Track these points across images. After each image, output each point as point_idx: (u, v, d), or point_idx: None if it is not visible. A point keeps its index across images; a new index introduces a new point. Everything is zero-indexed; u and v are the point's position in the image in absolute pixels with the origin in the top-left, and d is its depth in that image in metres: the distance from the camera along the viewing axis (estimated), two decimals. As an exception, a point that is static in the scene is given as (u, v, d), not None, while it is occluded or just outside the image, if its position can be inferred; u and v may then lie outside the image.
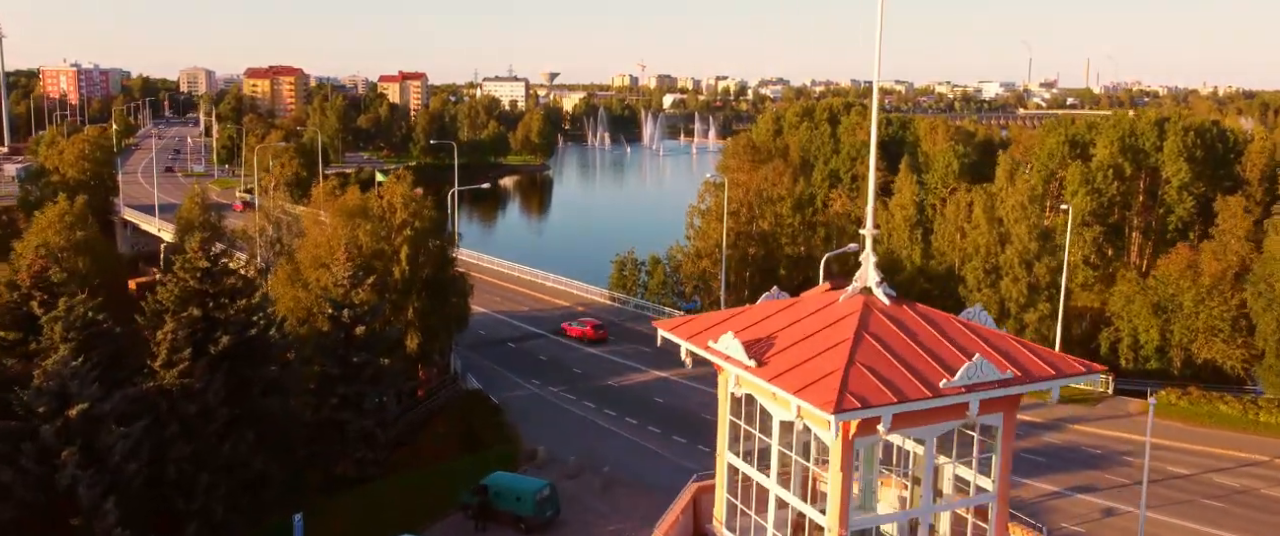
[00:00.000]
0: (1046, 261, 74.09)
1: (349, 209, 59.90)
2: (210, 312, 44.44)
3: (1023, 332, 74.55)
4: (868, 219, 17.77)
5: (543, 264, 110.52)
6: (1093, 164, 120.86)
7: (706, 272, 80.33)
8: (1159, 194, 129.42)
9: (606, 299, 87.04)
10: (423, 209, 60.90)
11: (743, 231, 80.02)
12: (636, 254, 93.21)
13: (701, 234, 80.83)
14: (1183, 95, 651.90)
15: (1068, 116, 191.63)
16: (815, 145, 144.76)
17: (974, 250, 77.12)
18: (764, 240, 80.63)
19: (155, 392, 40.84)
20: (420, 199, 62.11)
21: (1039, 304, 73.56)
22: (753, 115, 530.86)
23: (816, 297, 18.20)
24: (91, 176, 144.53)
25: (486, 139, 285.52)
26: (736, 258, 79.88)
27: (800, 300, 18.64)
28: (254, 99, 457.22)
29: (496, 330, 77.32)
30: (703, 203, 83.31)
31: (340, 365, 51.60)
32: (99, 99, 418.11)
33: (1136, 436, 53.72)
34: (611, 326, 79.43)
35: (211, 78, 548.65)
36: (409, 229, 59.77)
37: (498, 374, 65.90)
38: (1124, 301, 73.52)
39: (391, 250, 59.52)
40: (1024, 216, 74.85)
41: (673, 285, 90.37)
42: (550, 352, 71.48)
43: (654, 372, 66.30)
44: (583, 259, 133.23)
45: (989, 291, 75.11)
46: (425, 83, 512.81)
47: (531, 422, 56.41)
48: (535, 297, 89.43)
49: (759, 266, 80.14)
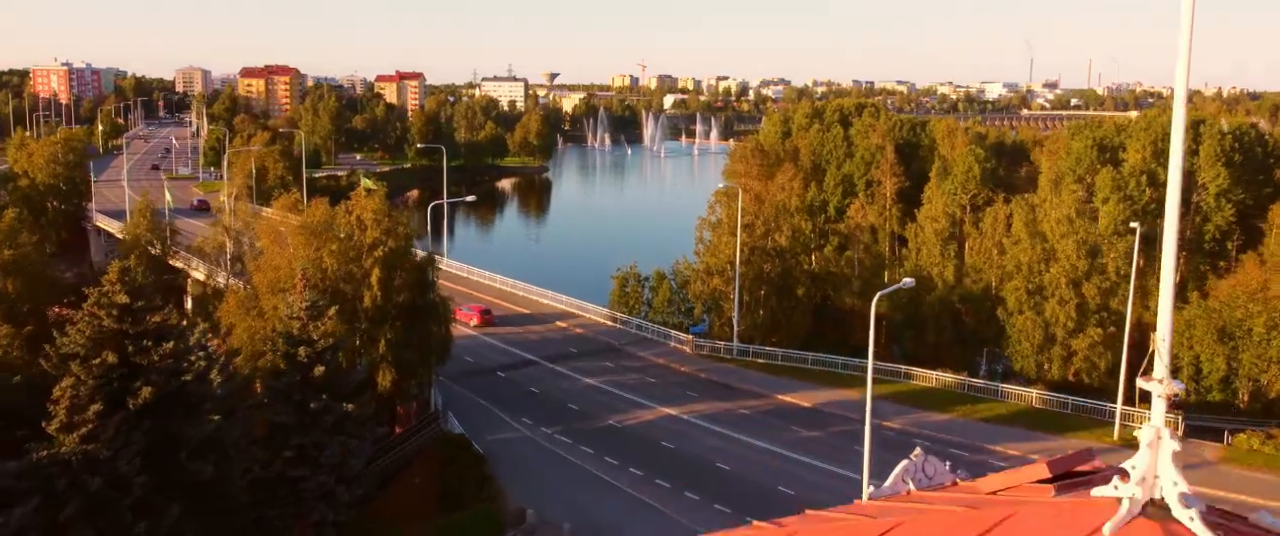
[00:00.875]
0: (1096, 281, 66.57)
1: (312, 226, 52.32)
2: (130, 358, 36.87)
3: (1071, 361, 67.07)
4: (1161, 325, 7.07)
5: (538, 277, 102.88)
6: (1124, 169, 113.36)
7: (718, 292, 72.74)
8: (1193, 201, 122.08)
9: (606, 319, 79.43)
10: (397, 226, 53.30)
11: (757, 246, 72.42)
12: (639, 268, 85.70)
13: (712, 249, 73.27)
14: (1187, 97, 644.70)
15: (1093, 118, 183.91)
16: (827, 149, 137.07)
17: (1014, 268, 69.60)
18: (781, 256, 73.03)
19: (51, 463, 33.24)
20: (395, 215, 54.49)
21: (1089, 328, 66.03)
22: (754, 116, 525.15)
23: (1024, 501, 7.78)
24: (64, 181, 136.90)
25: (483, 140, 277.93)
26: (750, 275, 72.31)
27: (989, 502, 8.32)
28: (248, 99, 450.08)
29: (485, 356, 69.74)
30: (713, 215, 75.67)
31: (296, 412, 44.04)
32: (90, 99, 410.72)
33: (1220, 491, 46.25)
34: (612, 351, 71.88)
35: (207, 77, 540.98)
36: (381, 249, 52.20)
37: (484, 411, 58.29)
38: (1184, 325, 65.86)
39: (361, 273, 51.94)
40: (1071, 231, 67.33)
41: (679, 303, 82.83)
42: (544, 384, 63.90)
43: (661, 409, 58.71)
44: (581, 271, 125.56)
45: (1031, 314, 67.60)
46: (423, 83, 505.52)
47: (520, 475, 48.84)
48: (526, 316, 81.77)
49: (775, 285, 72.51)
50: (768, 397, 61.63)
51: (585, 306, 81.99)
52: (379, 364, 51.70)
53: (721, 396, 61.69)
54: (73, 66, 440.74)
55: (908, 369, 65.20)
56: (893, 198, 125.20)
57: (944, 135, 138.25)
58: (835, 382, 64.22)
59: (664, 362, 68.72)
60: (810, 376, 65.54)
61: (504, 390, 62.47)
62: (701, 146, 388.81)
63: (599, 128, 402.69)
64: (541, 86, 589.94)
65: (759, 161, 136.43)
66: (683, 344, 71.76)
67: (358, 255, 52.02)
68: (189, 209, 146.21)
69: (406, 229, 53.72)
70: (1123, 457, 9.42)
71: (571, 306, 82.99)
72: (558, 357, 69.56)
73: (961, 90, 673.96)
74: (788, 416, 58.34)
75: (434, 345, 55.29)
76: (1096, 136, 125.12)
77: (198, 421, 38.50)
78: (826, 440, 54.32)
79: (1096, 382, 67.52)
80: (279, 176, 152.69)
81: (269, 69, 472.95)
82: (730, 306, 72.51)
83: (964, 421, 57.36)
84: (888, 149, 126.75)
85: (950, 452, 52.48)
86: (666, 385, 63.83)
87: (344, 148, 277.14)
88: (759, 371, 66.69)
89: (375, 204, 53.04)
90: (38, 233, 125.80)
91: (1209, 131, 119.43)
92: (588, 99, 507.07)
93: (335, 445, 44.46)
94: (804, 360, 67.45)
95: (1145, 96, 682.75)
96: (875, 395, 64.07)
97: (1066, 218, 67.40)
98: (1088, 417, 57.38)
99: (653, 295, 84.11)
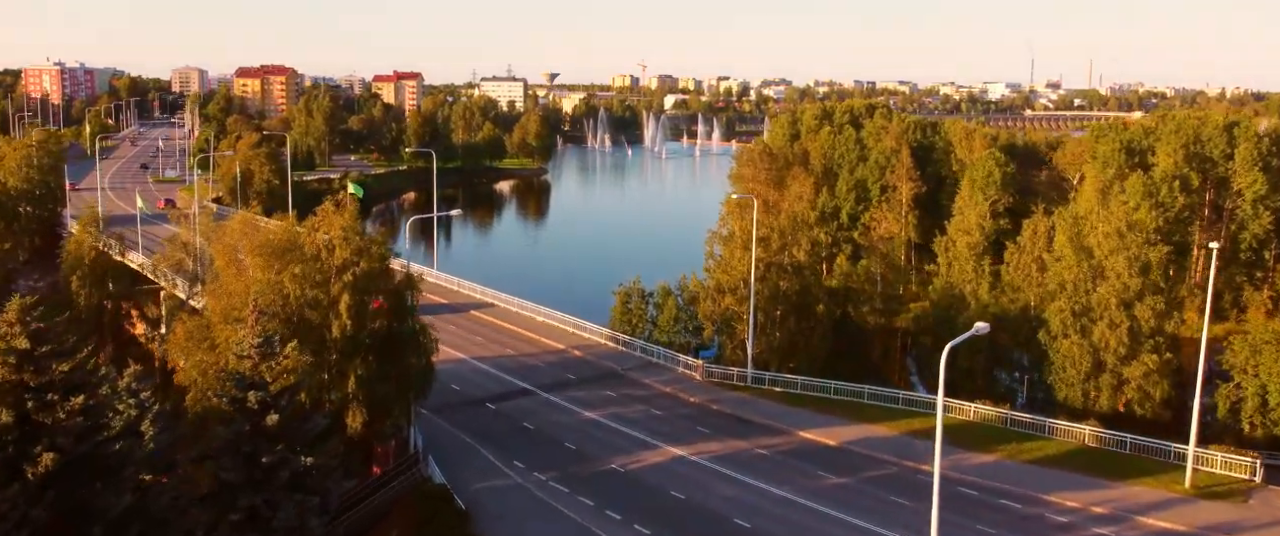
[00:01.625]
0: (1151, 302, 60.09)
1: (272, 246, 45.85)
2: (30, 416, 30.46)
3: (1121, 390, 60.62)
4: None
5: (535, 290, 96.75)
6: (1155, 173, 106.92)
7: (730, 312, 66.23)
8: (1225, 208, 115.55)
9: (606, 340, 72.92)
10: (371, 245, 46.82)
11: (773, 261, 65.95)
12: (643, 283, 79.23)
13: (724, 265, 66.70)
14: (1190, 97, 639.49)
15: (1110, 119, 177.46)
16: (839, 152, 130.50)
17: (1058, 287, 63.09)
18: (799, 272, 66.53)
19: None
20: (367, 234, 48.03)
21: (1143, 355, 59.55)
22: (756, 116, 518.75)
23: None
24: (38, 185, 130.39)
25: (481, 142, 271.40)
26: (766, 293, 65.81)
27: None
28: (244, 99, 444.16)
29: (474, 385, 63.26)
30: (724, 228, 69.12)
31: (245, 467, 37.61)
32: (82, 99, 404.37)
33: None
34: (614, 377, 65.41)
35: (205, 77, 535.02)
36: (352, 272, 45.71)
37: (470, 452, 51.82)
38: (1248, 352, 59.44)
39: (329, 300, 45.46)
40: (1122, 246, 60.83)
41: (686, 320, 76.32)
42: (539, 418, 57.41)
43: (668, 449, 52.24)
44: (581, 282, 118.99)
45: (1078, 338, 61.10)
46: (421, 83, 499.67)
47: (508, 534, 42.41)
48: (524, 337, 75.33)
49: (793, 304, 65.98)
50: (787, 434, 55.12)
51: (585, 325, 75.45)
52: (349, 403, 45.21)
53: (736, 432, 55.18)
54: (65, 66, 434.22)
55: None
56: (909, 204, 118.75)
57: (961, 138, 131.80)
58: (861, 416, 57.72)
59: (671, 391, 62.22)
60: (833, 408, 59.02)
61: (494, 425, 55.96)
62: (703, 147, 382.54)
63: (599, 128, 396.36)
64: (541, 87, 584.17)
65: (767, 165, 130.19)
66: (692, 369, 65.27)
67: (325, 279, 45.55)
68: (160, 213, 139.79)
69: (381, 248, 47.25)
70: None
71: (569, 325, 76.46)
72: (555, 385, 63.06)
73: (964, 90, 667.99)
74: (811, 457, 51.84)
75: (413, 379, 48.84)
76: (1124, 139, 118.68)
77: (118, 489, 32.06)
78: (858, 488, 47.85)
79: (1149, 413, 61.10)
80: (265, 180, 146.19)
81: (265, 69, 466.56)
82: (744, 327, 66.03)
83: (1011, 464, 50.85)
84: (903, 152, 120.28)
85: (1001, 504, 46.12)
86: (674, 419, 57.34)
87: (340, 149, 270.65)
88: (776, 401, 60.18)
89: (345, 220, 46.52)
90: (10, 240, 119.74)
91: (1245, 134, 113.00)
92: (588, 99, 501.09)
93: (291, 505, 38.00)
94: (826, 389, 60.94)
95: (1149, 97, 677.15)
96: (905, 431, 57.90)
97: (1116, 231, 60.87)
98: (1150, 459, 50.85)
99: (658, 313, 77.66)
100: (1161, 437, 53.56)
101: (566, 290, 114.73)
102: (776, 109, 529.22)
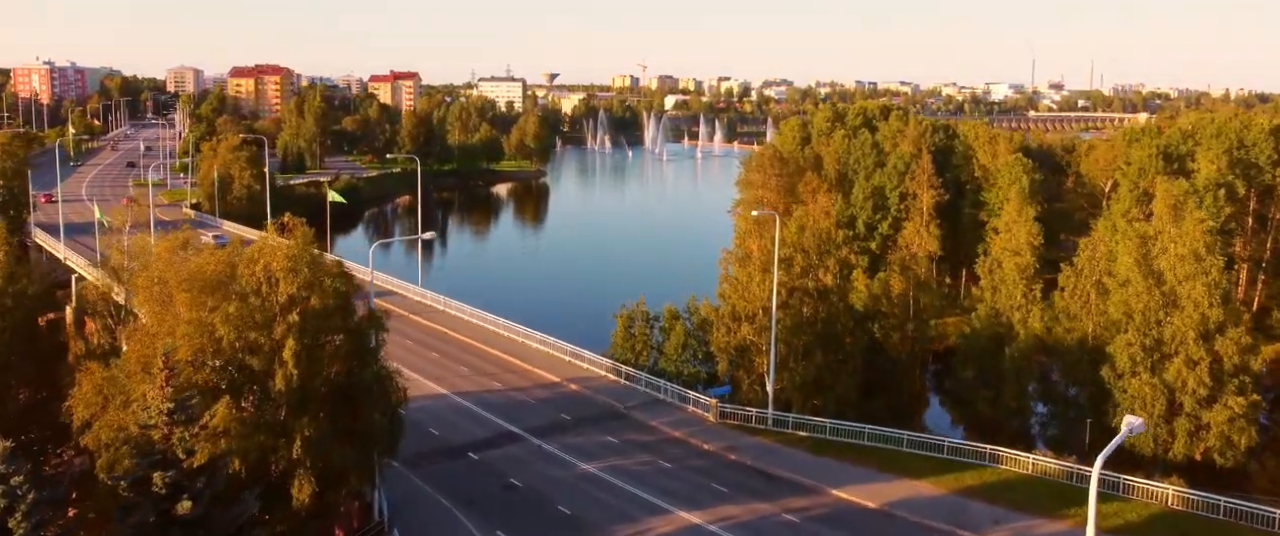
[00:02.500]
0: (1233, 335, 52.18)
1: (204, 280, 37.82)
2: None
3: (1200, 436, 52.67)
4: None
5: (528, 308, 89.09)
6: (1198, 181, 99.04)
7: (748, 343, 58.23)
8: (1273, 218, 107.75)
9: (607, 372, 64.93)
10: (323, 277, 38.78)
11: (796, 285, 57.98)
12: (647, 304, 71.35)
13: (741, 289, 58.59)
14: (1194, 98, 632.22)
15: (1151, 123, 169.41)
16: (855, 157, 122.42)
17: (1124, 317, 55.10)
18: (825, 297, 58.52)
19: None
20: (323, 261, 39.94)
21: (1227, 397, 51.62)
22: (757, 117, 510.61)
23: None
24: (3, 191, 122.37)
25: (478, 143, 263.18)
26: (788, 321, 57.82)
27: None
28: (237, 99, 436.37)
29: (454, 428, 55.28)
30: (740, 247, 61.05)
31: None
32: (72, 99, 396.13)
33: None
34: (616, 418, 57.42)
35: (201, 77, 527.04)
36: (299, 311, 37.68)
37: (445, 519, 43.91)
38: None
39: (270, 345, 37.45)
40: (1200, 271, 52.89)
41: (695, 348, 68.38)
42: (527, 471, 49.43)
43: (681, 515, 44.27)
44: (578, 297, 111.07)
45: (1149, 377, 53.16)
46: (418, 83, 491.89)
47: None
48: (514, 366, 67.30)
49: (820, 334, 57.96)
50: (819, 493, 47.14)
51: (582, 354, 67.38)
52: (294, 470, 37.21)
53: (759, 491, 47.19)
54: (55, 66, 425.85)
55: (991, 449, 50.62)
56: (930, 213, 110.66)
57: (984, 142, 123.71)
58: (902, 468, 49.74)
59: (681, 436, 54.22)
60: (869, 457, 51.04)
61: (475, 482, 47.96)
62: (705, 149, 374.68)
63: (599, 129, 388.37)
64: (541, 87, 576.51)
65: (778, 171, 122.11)
66: (704, 409, 57.27)
67: (268, 319, 37.51)
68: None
69: (337, 282, 39.20)
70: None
71: (565, 352, 68.42)
72: (547, 429, 55.04)
73: (966, 91, 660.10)
74: (850, 525, 43.86)
75: (376, 436, 40.82)
76: (1160, 144, 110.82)
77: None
78: (909, 569, 39.91)
79: (1229, 462, 53.22)
80: (246, 185, 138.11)
81: (259, 68, 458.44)
82: (763, 360, 58.06)
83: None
84: (924, 158, 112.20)
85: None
86: (686, 473, 49.32)
87: (333, 151, 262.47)
88: (803, 449, 52.20)
89: (292, 247, 38.43)
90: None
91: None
92: (587, 99, 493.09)
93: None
94: (859, 434, 52.96)
95: (1152, 98, 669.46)
96: (955, 489, 49.73)
97: (1192, 254, 52.91)
98: (1256, 529, 42.87)
99: (664, 338, 69.76)
100: (1252, 495, 45.79)
101: (563, 307, 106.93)
102: (778, 110, 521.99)
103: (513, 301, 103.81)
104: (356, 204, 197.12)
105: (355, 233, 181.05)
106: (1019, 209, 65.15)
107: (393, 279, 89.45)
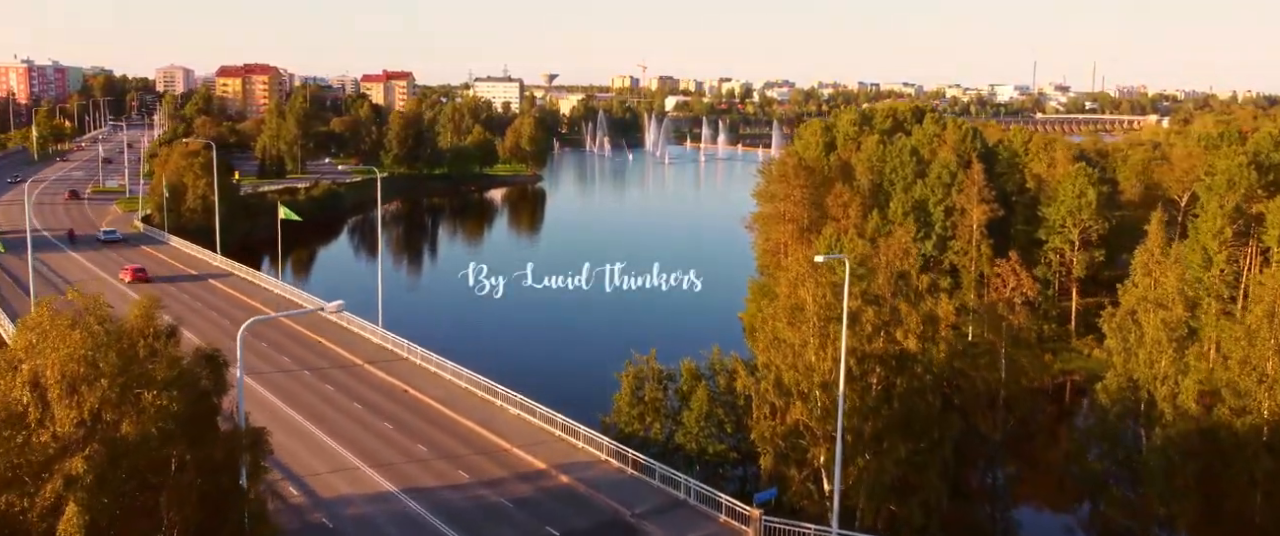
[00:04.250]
0: None
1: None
2: None
3: None
4: None
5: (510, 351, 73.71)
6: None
7: (803, 428, 42.77)
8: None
9: (608, 456, 49.32)
10: (156, 349, 23.34)
11: (867, 352, 42.56)
12: (659, 356, 55.98)
13: (792, 356, 43.02)
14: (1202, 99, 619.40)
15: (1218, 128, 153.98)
16: (891, 166, 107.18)
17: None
18: (904, 366, 43.10)
19: None
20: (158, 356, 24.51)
21: None
22: (760, 118, 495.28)
23: None
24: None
25: (470, 146, 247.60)
26: (855, 399, 42.35)
27: None
28: (224, 99, 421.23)
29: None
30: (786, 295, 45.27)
31: None
32: (51, 99, 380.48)
33: None
34: (622, 532, 42.06)
35: (190, 77, 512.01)
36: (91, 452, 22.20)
37: None
38: None
39: (36, 511, 22.00)
40: None
41: (721, 418, 52.88)
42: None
43: None
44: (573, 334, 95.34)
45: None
46: (411, 83, 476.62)
47: None
48: (487, 445, 51.76)
49: (900, 419, 42.46)
50: None
51: (576, 428, 51.67)
52: None
53: None
54: (34, 64, 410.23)
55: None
56: (981, 231, 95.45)
57: (1038, 150, 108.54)
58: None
59: (713, 568, 38.83)
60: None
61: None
62: (707, 151, 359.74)
63: (598, 131, 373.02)
64: (539, 87, 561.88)
65: (802, 182, 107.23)
66: (742, 521, 41.79)
67: (34, 467, 22.07)
68: (89, 237, 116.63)
69: (174, 355, 23.71)
70: None
71: (556, 427, 52.87)
72: None
73: (971, 92, 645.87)
74: None
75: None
76: (1252, 152, 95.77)
77: None
78: None
79: None
80: (200, 195, 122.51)
81: (248, 67, 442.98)
82: (821, 453, 42.63)
83: None
84: (975, 168, 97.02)
85: None
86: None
87: (318, 154, 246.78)
88: (885, 591, 36.86)
89: (87, 333, 22.95)
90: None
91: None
92: (586, 100, 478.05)
93: None
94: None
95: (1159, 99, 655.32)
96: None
97: None
98: None
99: (681, 403, 54.35)
100: None
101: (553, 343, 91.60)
102: (780, 111, 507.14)
103: (495, 337, 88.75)
104: (340, 210, 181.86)
105: (337, 244, 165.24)
106: (1158, 232, 49.16)
107: (352, 317, 73.99)
